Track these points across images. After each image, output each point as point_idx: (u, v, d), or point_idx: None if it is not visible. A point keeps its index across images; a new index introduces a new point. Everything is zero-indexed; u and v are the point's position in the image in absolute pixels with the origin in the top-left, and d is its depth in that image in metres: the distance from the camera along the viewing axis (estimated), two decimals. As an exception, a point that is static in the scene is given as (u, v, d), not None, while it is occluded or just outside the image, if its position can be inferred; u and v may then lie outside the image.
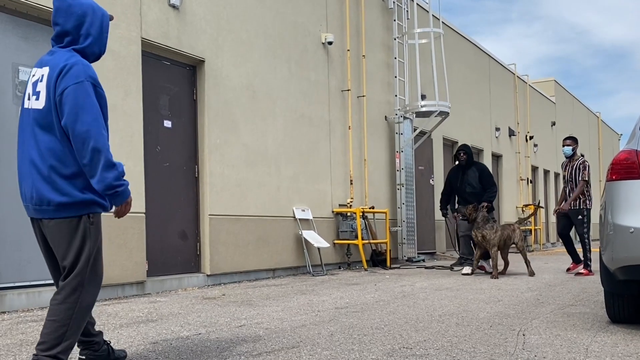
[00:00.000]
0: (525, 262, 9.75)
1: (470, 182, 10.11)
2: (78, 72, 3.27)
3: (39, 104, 3.30)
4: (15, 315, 5.86)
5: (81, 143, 3.18)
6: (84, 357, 3.66)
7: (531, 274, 9.59)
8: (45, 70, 3.33)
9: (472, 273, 9.91)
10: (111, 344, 3.78)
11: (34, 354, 3.22)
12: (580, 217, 9.61)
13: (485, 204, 10.01)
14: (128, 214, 7.29)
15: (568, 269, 10.18)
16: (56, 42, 3.45)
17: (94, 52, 3.48)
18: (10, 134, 6.38)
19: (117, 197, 3.27)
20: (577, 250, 10.12)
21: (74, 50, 3.41)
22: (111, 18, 3.65)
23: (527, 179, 21.73)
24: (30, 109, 3.34)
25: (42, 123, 3.28)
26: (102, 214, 3.41)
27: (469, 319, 5.39)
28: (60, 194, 3.25)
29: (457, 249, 11.12)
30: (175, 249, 8.32)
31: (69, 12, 3.39)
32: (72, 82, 3.24)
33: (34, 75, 3.38)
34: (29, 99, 3.36)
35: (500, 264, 9.89)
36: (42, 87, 3.31)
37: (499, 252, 9.45)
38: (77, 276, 3.27)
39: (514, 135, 20.64)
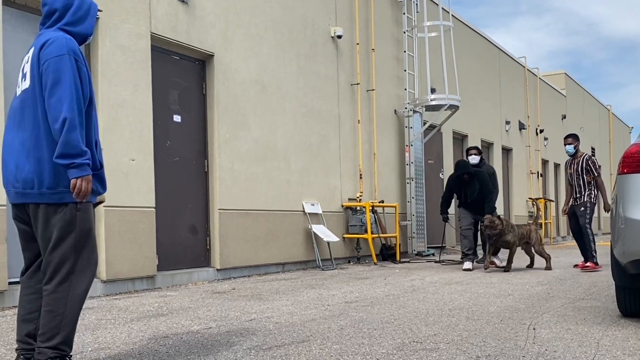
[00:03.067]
0: (544, 258, 9.83)
1: (471, 192, 9.94)
2: (60, 45, 3.21)
3: (26, 84, 3.28)
4: (27, 310, 5.89)
5: (53, 114, 3.11)
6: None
7: (548, 268, 9.68)
8: (31, 52, 3.30)
9: (472, 269, 9.81)
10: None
11: (35, 346, 3.21)
12: (583, 208, 9.57)
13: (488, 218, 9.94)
14: (138, 209, 7.33)
15: (576, 265, 10.12)
16: (43, 25, 3.41)
17: (80, 32, 3.39)
18: (21, 129, 6.40)
19: (73, 168, 3.12)
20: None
21: (60, 30, 3.34)
22: (100, 11, 3.63)
23: (538, 172, 21.64)
24: (21, 92, 3.31)
25: (29, 103, 3.24)
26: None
27: (479, 313, 5.38)
28: (46, 177, 3.18)
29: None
30: (185, 243, 8.34)
31: None
32: (54, 55, 3.19)
33: (23, 62, 3.37)
34: (19, 86, 3.34)
35: (527, 259, 10.36)
36: (27, 68, 3.28)
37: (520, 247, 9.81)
38: (66, 264, 3.20)
39: (524, 128, 20.55)
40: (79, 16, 3.39)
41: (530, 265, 10.01)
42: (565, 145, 9.91)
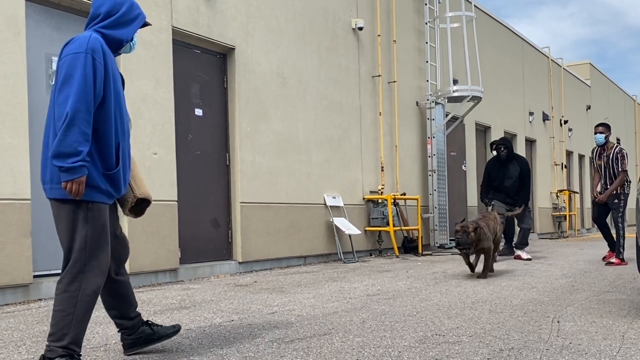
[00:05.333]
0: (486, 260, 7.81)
1: (510, 175, 10.23)
2: (80, 43, 3.21)
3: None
4: (52, 303, 5.96)
5: (59, 111, 3.12)
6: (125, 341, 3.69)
7: (484, 274, 7.57)
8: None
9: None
10: (152, 323, 3.72)
11: (46, 345, 3.22)
12: (616, 200, 9.35)
13: (517, 210, 9.99)
14: (161, 202, 7.37)
15: (604, 258, 9.90)
16: (86, 27, 3.43)
17: (115, 36, 3.37)
18: (44, 123, 6.46)
19: (63, 172, 3.10)
20: (614, 237, 9.87)
21: (95, 31, 3.34)
22: (149, 24, 3.67)
23: (562, 164, 21.42)
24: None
25: (51, 100, 3.26)
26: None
27: (502, 306, 5.33)
28: (54, 172, 3.20)
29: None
30: (207, 236, 8.38)
31: None
32: (71, 52, 3.19)
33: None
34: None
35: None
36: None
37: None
38: (76, 264, 3.21)
39: (548, 119, 20.33)
40: (119, 22, 3.40)
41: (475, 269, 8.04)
42: (595, 133, 9.69)
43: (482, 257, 8.04)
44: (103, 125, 3.27)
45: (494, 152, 10.61)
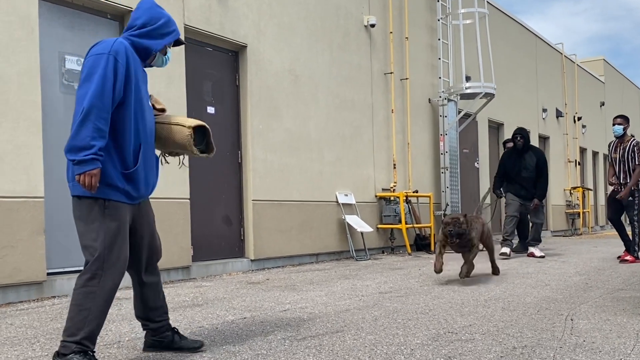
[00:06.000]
0: (491, 260, 7.58)
1: (526, 166, 10.04)
2: (105, 45, 3.29)
3: None
4: (65, 300, 6.00)
5: (76, 108, 3.17)
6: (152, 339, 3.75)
7: (465, 271, 6.85)
8: None
9: (510, 255, 9.83)
10: (177, 332, 3.77)
11: (60, 341, 3.26)
12: (631, 198, 9.25)
13: (536, 203, 9.92)
14: (173, 200, 7.39)
15: (619, 257, 9.75)
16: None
17: (143, 45, 3.47)
18: (59, 122, 6.50)
19: (76, 165, 3.13)
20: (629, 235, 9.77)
21: (126, 38, 3.45)
22: (182, 43, 3.76)
23: (575, 160, 21.29)
24: None
25: None
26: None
27: (515, 304, 5.31)
28: (70, 170, 3.27)
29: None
30: (219, 234, 8.39)
31: (148, 10, 3.50)
32: (95, 52, 3.27)
33: None
34: None
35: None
36: None
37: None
38: (95, 261, 3.25)
39: (561, 116, 20.21)
40: (151, 34, 3.49)
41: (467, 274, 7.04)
42: (613, 125, 9.57)
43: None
44: (121, 125, 3.32)
45: (512, 145, 10.45)
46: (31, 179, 6.02)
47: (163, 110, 3.77)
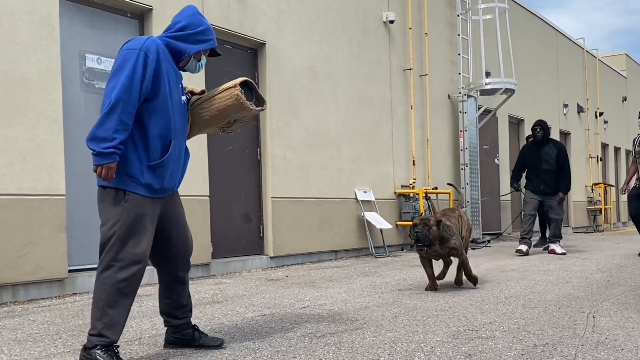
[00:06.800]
0: (458, 268, 6.26)
1: (547, 159, 9.91)
2: (137, 42, 3.36)
3: None
4: (87, 297, 6.05)
5: (104, 100, 3.23)
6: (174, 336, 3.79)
7: (472, 281, 6.17)
8: None
9: (527, 253, 9.75)
10: (198, 329, 3.80)
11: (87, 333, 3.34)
12: None
13: (561, 196, 9.83)
14: (193, 197, 7.43)
15: None
16: None
17: (176, 47, 3.51)
18: (80, 120, 6.55)
19: (95, 156, 3.19)
20: None
21: (162, 38, 3.51)
22: (218, 54, 3.81)
23: (597, 156, 21.08)
24: None
25: None
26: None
27: (536, 301, 5.27)
28: None
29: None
30: (239, 231, 8.42)
31: (190, 16, 3.55)
32: (127, 48, 3.34)
33: None
34: None
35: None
36: None
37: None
38: (109, 252, 3.29)
39: (582, 111, 20.02)
40: (187, 38, 3.55)
41: (442, 275, 6.48)
42: (639, 118, 9.46)
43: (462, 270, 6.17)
44: (148, 119, 3.36)
45: (532, 138, 10.34)
46: (52, 177, 6.08)
47: (203, 92, 3.82)
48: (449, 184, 8.29)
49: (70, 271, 6.34)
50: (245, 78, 3.69)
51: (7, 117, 5.79)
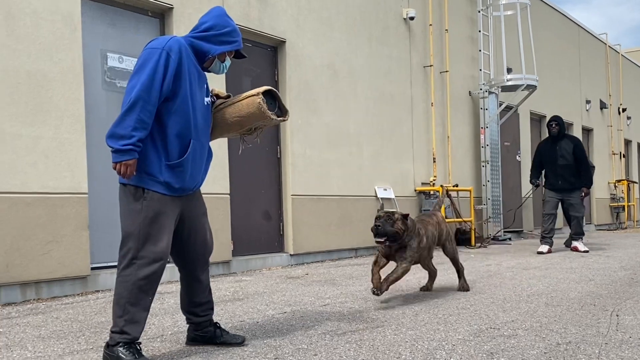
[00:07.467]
0: (457, 270, 5.91)
1: (563, 154, 9.82)
2: (160, 41, 3.37)
3: None
4: (109, 294, 6.10)
5: (125, 98, 3.25)
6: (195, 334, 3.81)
7: (463, 288, 5.83)
8: None
9: (547, 252, 9.67)
10: (219, 327, 3.82)
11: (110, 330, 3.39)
12: None
13: (585, 191, 9.74)
14: (214, 195, 7.46)
15: None
16: None
17: (200, 47, 3.51)
18: (102, 119, 6.60)
19: (113, 153, 3.22)
20: None
21: (186, 38, 3.52)
22: (244, 56, 3.77)
23: (620, 153, 20.84)
24: None
25: None
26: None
27: (558, 299, 5.22)
28: None
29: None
30: (259, 229, 8.44)
31: (216, 17, 3.55)
32: (149, 47, 3.35)
33: None
34: None
35: (425, 276, 6.89)
36: None
37: (417, 263, 5.54)
38: (130, 250, 3.32)
39: (605, 107, 19.80)
40: (212, 38, 3.54)
41: (429, 286, 5.89)
42: None
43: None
44: (168, 118, 3.37)
45: (548, 134, 10.28)
46: (75, 175, 6.14)
47: (228, 96, 3.83)
48: (441, 186, 7.55)
49: (92, 269, 6.40)
50: (269, 87, 3.68)
51: (31, 116, 5.85)
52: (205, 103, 3.60)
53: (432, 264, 5.85)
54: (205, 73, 3.64)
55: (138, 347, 3.31)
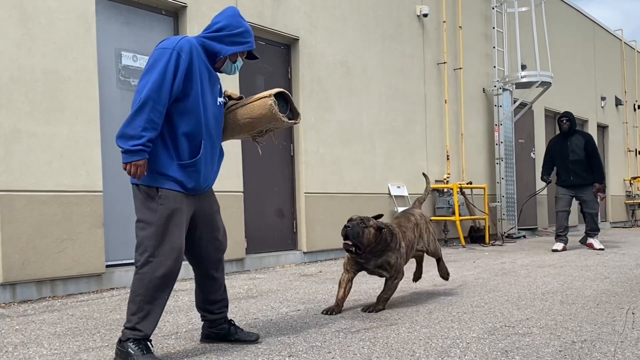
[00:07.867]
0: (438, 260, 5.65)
1: (574, 149, 9.78)
2: (171, 41, 3.37)
3: None
4: (124, 292, 6.13)
5: (135, 97, 3.25)
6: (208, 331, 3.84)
7: (445, 275, 5.60)
8: None
9: (562, 249, 9.62)
10: (234, 324, 3.83)
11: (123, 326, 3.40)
12: None
13: (598, 187, 9.68)
14: (227, 193, 7.47)
15: None
16: None
17: (211, 47, 3.51)
18: (115, 117, 6.63)
19: (123, 154, 3.22)
20: None
21: (198, 38, 3.51)
22: (256, 57, 3.76)
23: (636, 150, 20.68)
24: None
25: None
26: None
27: (573, 297, 5.19)
28: None
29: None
30: (272, 226, 8.45)
31: (229, 18, 3.55)
32: (160, 47, 3.36)
33: None
34: None
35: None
36: None
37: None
38: (147, 248, 3.33)
39: (621, 104, 19.65)
40: (224, 39, 3.54)
41: (417, 278, 5.68)
42: None
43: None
44: (178, 118, 3.38)
45: (559, 130, 10.23)
46: (90, 173, 6.17)
47: (240, 97, 3.83)
48: (423, 174, 7.20)
49: (107, 266, 6.43)
50: (281, 89, 3.68)
51: (46, 115, 5.89)
52: (218, 103, 3.60)
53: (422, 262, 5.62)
54: (218, 74, 3.64)
55: (148, 344, 3.32)
